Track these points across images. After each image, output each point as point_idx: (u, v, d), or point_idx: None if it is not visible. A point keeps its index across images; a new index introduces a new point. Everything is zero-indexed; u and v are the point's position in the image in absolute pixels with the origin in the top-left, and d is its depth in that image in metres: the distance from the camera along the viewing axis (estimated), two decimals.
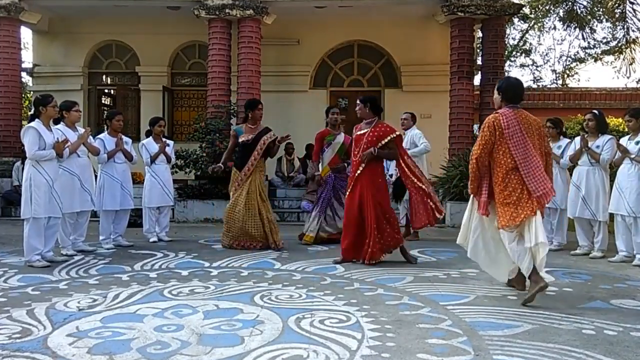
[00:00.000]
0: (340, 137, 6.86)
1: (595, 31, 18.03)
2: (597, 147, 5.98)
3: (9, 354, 2.86)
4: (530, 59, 23.38)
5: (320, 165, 6.93)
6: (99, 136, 6.49)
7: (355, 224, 5.47)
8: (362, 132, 5.53)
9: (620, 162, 5.79)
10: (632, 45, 14.90)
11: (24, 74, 12.59)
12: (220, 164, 6.60)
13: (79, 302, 3.87)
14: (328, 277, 4.78)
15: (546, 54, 31.40)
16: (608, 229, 6.07)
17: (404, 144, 6.14)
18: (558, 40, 29.90)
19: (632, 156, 5.59)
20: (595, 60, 21.18)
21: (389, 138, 5.45)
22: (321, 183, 6.80)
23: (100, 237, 6.37)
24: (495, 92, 4.27)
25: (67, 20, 12.29)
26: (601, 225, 6.00)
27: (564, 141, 6.55)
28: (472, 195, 4.33)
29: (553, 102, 16.04)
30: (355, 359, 2.81)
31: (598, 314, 3.70)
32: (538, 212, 3.99)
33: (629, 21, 14.04)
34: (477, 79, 11.52)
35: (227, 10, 10.22)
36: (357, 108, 5.60)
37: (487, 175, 4.16)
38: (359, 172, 5.46)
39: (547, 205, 6.43)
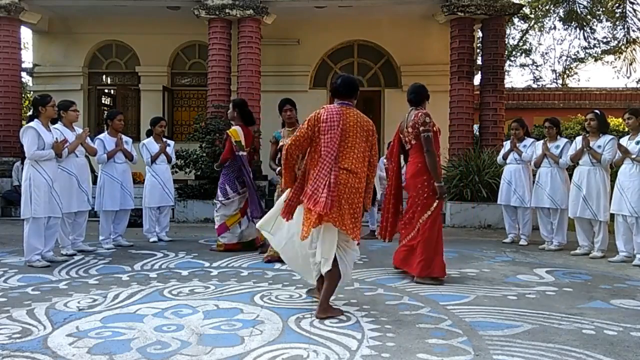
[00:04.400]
0: None
1: (595, 31, 18.09)
2: (599, 147, 5.97)
3: (9, 354, 2.86)
4: (530, 59, 23.44)
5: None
6: (98, 136, 6.48)
7: None
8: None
9: (620, 163, 5.78)
10: (632, 45, 14.93)
11: (24, 74, 12.60)
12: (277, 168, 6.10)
13: (79, 302, 3.87)
14: None
15: (546, 54, 31.44)
16: (608, 229, 6.06)
17: None
18: (558, 40, 30.05)
19: (633, 156, 5.58)
20: (595, 60, 21.21)
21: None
22: None
23: (100, 237, 6.37)
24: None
25: (67, 20, 12.31)
26: (602, 225, 5.99)
27: (562, 141, 6.55)
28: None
29: (553, 102, 16.05)
30: (355, 359, 2.81)
31: (598, 314, 3.70)
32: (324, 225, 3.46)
33: (629, 21, 14.08)
34: (477, 79, 11.52)
35: (227, 10, 10.23)
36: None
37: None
38: None
39: (547, 206, 6.50)
